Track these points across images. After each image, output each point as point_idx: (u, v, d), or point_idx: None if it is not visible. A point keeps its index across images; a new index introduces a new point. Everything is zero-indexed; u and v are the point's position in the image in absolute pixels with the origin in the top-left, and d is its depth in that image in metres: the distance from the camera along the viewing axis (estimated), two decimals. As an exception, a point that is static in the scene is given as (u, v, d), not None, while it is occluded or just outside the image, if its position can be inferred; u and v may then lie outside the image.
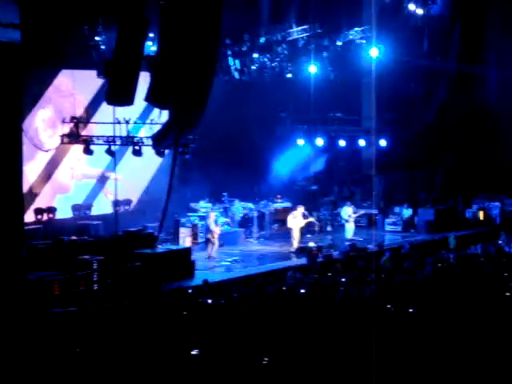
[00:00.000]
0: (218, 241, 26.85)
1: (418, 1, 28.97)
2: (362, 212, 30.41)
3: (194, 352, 12.06)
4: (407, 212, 31.64)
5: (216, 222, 26.45)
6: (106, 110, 24.70)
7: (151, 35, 23.22)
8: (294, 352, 12.21)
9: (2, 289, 17.79)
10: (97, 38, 25.03)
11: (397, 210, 32.05)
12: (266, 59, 28.75)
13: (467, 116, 34.86)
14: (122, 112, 23.57)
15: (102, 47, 24.91)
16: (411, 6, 28.92)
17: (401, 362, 11.39)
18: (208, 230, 26.07)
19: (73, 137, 24.99)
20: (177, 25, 18.48)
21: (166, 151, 24.25)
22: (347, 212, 29.19)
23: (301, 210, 27.61)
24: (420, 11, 29.27)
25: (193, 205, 29.13)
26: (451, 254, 23.32)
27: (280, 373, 11.15)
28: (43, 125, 26.05)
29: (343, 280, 19.89)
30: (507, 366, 11.21)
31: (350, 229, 29.02)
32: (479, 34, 32.84)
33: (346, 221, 29.18)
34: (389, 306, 15.34)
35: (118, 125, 24.20)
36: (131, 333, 13.73)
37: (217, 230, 25.97)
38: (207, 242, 26.00)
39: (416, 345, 12.11)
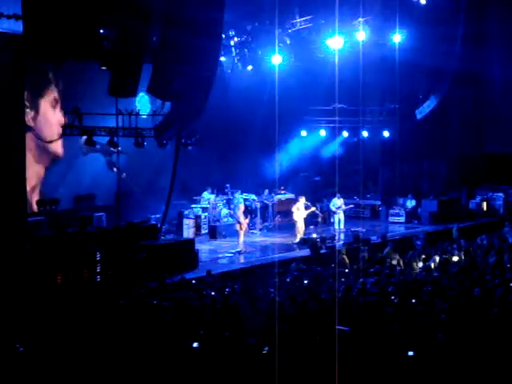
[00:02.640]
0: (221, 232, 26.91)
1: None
2: (350, 206, 30.31)
3: (195, 345, 12.04)
4: (410, 203, 31.63)
5: (245, 213, 26.37)
6: (108, 102, 24.65)
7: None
8: (296, 342, 12.20)
9: (5, 281, 17.81)
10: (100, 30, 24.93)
11: (400, 201, 32.02)
12: (267, 50, 28.68)
13: (470, 108, 34.82)
14: (125, 103, 23.52)
15: (106, 39, 24.81)
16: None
17: (406, 356, 11.37)
18: (237, 221, 25.99)
19: (75, 128, 24.93)
20: (178, 16, 18.46)
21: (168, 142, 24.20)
22: (336, 203, 29.10)
23: (302, 200, 27.61)
24: (423, 1, 29.24)
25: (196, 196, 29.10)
26: (455, 244, 23.30)
27: (280, 361, 11.14)
28: (45, 116, 25.97)
29: (346, 271, 19.93)
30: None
31: (338, 220, 28.94)
32: (483, 25, 32.69)
33: (334, 212, 29.09)
34: (392, 298, 15.34)
35: (120, 116, 24.15)
36: (133, 325, 13.74)
37: (245, 223, 25.88)
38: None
39: (421, 340, 12.08)
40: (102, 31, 24.27)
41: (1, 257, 18.10)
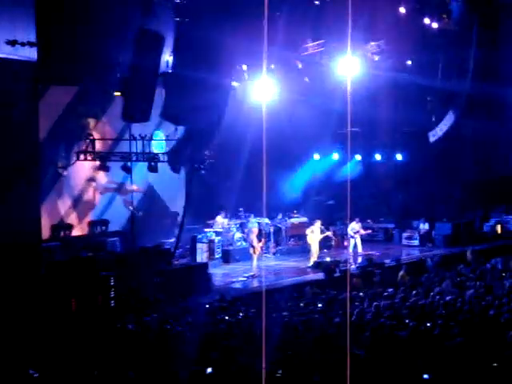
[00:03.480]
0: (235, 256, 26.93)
1: (433, 14, 28.99)
2: (369, 232, 30.24)
3: (208, 370, 12.01)
4: (424, 226, 31.54)
5: (259, 237, 26.40)
6: (121, 127, 24.84)
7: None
8: (310, 366, 12.16)
9: (20, 306, 17.83)
10: (113, 56, 25.13)
11: (414, 224, 31.94)
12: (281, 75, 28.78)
13: (483, 130, 34.74)
14: (138, 128, 23.63)
15: (118, 65, 25.00)
16: (426, 20, 28.95)
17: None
18: (251, 245, 25.99)
19: (89, 153, 25.09)
20: (189, 43, 18.57)
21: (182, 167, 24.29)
22: (355, 228, 28.91)
23: (317, 224, 27.60)
24: (435, 25, 29.29)
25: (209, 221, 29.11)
26: (469, 267, 23.21)
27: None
28: (59, 141, 26.10)
29: (361, 294, 19.86)
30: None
31: (355, 244, 28.82)
32: (494, 50, 32.71)
33: (352, 237, 28.88)
34: (407, 321, 15.28)
35: (133, 141, 24.31)
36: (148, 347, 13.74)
37: (259, 246, 25.89)
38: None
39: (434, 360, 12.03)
40: (115, 58, 24.59)
41: (16, 282, 18.13)
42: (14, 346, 15.36)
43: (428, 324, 14.81)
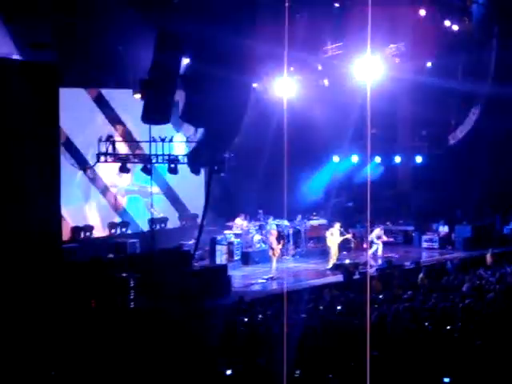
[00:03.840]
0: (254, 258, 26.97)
1: (454, 17, 28.89)
2: (391, 239, 30.19)
3: (228, 372, 12.03)
4: (443, 229, 31.43)
5: (278, 239, 26.42)
6: (142, 129, 24.90)
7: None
8: (328, 369, 12.16)
9: (40, 307, 17.92)
10: (132, 58, 25.23)
11: (433, 226, 31.84)
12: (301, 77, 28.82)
13: (503, 132, 34.55)
14: (158, 130, 23.70)
15: (138, 66, 25.08)
16: (447, 22, 28.85)
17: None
18: (270, 247, 26.01)
19: (110, 155, 25.19)
20: (210, 45, 18.58)
21: (202, 169, 24.31)
22: (376, 233, 28.84)
23: (337, 226, 27.56)
24: (456, 27, 29.18)
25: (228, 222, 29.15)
26: (489, 270, 23.12)
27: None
28: (80, 144, 26.24)
29: (380, 297, 19.82)
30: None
31: (376, 248, 28.78)
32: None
33: (375, 243, 28.75)
34: (426, 324, 15.25)
35: (153, 143, 24.37)
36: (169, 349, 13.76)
37: (278, 248, 25.91)
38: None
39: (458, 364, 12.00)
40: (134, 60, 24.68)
41: (36, 283, 18.22)
42: (34, 347, 15.45)
43: (448, 327, 14.77)
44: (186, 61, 22.94)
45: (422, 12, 28.63)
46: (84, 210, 27.00)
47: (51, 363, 13.13)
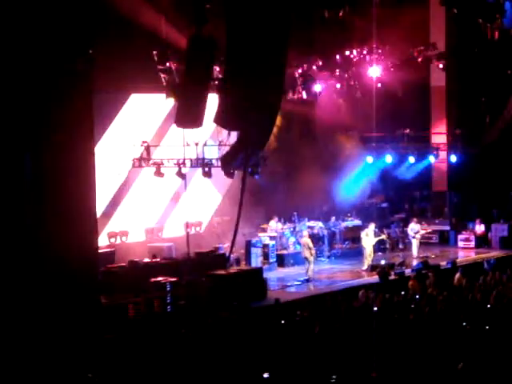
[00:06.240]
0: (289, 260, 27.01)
1: (487, 15, 28.64)
2: (429, 230, 30.29)
3: (265, 375, 12.05)
4: (479, 228, 31.22)
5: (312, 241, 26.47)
6: (175, 133, 25.05)
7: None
8: (364, 369, 12.14)
9: (77, 313, 18.04)
10: (166, 63, 25.38)
11: (469, 225, 31.65)
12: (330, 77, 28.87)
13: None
14: (192, 134, 23.81)
15: (171, 71, 25.22)
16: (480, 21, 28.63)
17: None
18: (305, 249, 26.03)
19: (143, 160, 25.33)
20: (243, 47, 18.60)
21: (236, 172, 24.34)
22: (415, 228, 29.06)
23: (372, 227, 27.53)
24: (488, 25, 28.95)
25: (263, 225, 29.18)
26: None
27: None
28: (115, 149, 26.39)
29: (416, 297, 19.74)
30: None
31: (415, 245, 28.94)
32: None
33: (413, 237, 29.05)
34: (464, 324, 15.17)
35: (187, 147, 24.49)
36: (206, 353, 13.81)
37: (313, 250, 25.91)
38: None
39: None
40: (167, 64, 24.81)
41: (73, 289, 18.34)
42: (71, 352, 15.60)
43: (486, 327, 14.69)
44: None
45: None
46: (119, 214, 27.15)
47: (89, 367, 13.22)
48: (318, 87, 28.82)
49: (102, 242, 24.94)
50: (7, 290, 17.39)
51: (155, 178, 25.32)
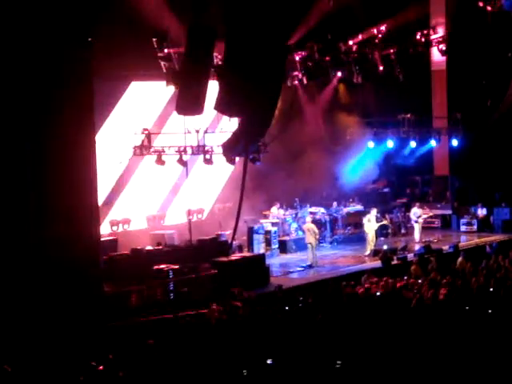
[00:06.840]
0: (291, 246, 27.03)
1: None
2: (431, 214, 30.34)
3: (268, 361, 12.05)
4: (482, 211, 31.21)
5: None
6: (176, 120, 25.00)
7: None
8: (369, 355, 12.14)
9: (80, 301, 18.07)
10: (165, 50, 25.35)
11: (471, 209, 31.63)
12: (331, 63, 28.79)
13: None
14: (193, 121, 23.76)
15: (171, 58, 25.18)
16: (480, 4, 28.57)
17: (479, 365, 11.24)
18: (309, 235, 26.03)
19: (144, 148, 25.30)
20: (243, 32, 18.53)
21: (237, 159, 24.31)
22: (417, 213, 29.13)
23: (374, 212, 27.54)
24: (489, 8, 28.88)
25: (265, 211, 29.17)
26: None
27: (353, 375, 11.09)
28: (115, 137, 26.36)
29: (419, 282, 19.74)
30: None
31: (418, 230, 29.00)
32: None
33: (415, 221, 29.12)
34: (467, 308, 15.17)
35: (188, 134, 24.45)
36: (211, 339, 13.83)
37: (316, 235, 25.91)
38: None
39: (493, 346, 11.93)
40: (166, 50, 24.76)
41: (76, 277, 18.35)
42: (74, 340, 15.62)
43: (489, 310, 14.70)
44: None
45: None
46: (121, 202, 27.16)
47: (92, 355, 13.24)
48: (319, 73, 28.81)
49: (104, 230, 24.97)
50: (10, 280, 17.42)
51: (156, 165, 25.28)
